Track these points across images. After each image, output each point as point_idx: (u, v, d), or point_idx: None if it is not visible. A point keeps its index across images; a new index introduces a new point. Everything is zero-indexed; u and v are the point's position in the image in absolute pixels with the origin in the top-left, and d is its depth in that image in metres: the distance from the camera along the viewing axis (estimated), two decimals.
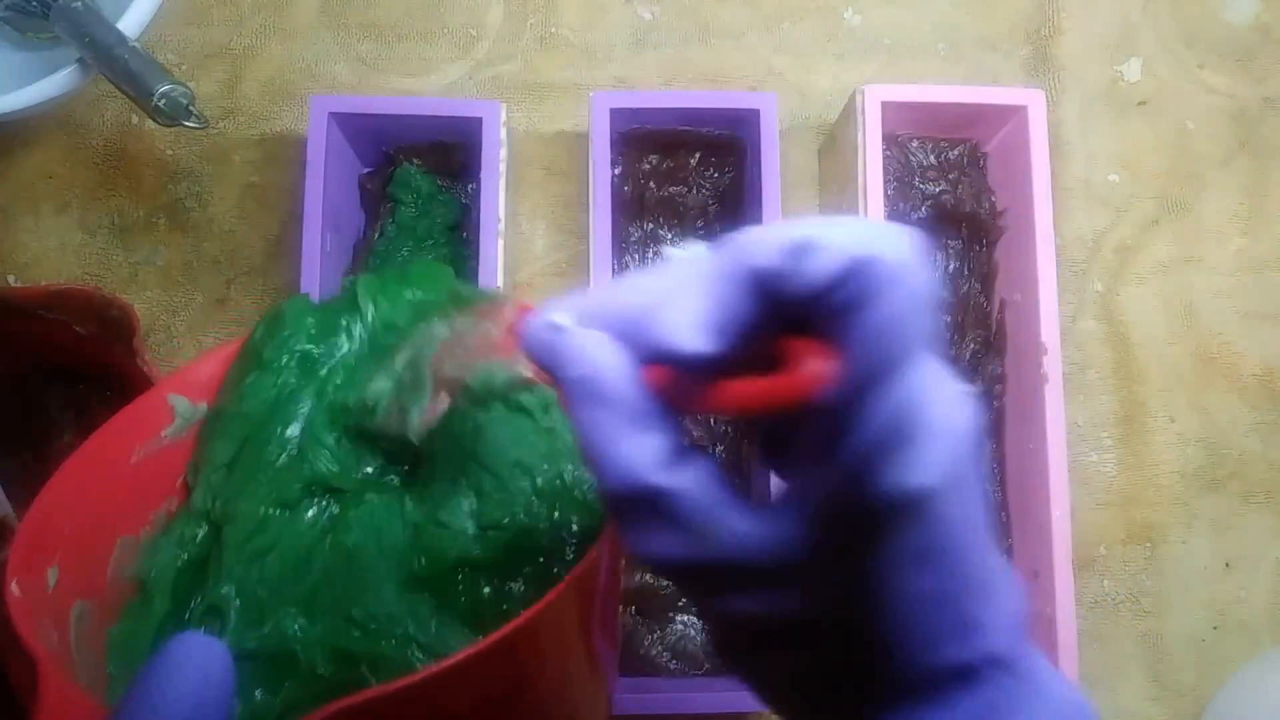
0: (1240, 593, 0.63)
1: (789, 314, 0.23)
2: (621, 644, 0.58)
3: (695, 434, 0.60)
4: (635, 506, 0.24)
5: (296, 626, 0.35)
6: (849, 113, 0.59)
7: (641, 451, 0.24)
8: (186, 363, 0.40)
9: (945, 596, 0.24)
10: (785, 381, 0.24)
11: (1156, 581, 0.63)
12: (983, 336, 0.62)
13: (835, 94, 0.67)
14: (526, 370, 0.34)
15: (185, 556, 0.37)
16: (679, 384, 0.24)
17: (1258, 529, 0.64)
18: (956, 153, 0.64)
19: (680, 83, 0.67)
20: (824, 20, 0.68)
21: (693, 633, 0.59)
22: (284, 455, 0.38)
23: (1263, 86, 0.68)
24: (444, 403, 0.36)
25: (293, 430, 0.39)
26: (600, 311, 0.24)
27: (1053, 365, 0.56)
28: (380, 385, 0.37)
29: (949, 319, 0.63)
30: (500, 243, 0.56)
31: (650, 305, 0.24)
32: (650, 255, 0.63)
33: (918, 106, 0.60)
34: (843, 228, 0.22)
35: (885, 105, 0.58)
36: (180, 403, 0.39)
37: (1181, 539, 0.64)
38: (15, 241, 0.64)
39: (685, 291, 0.23)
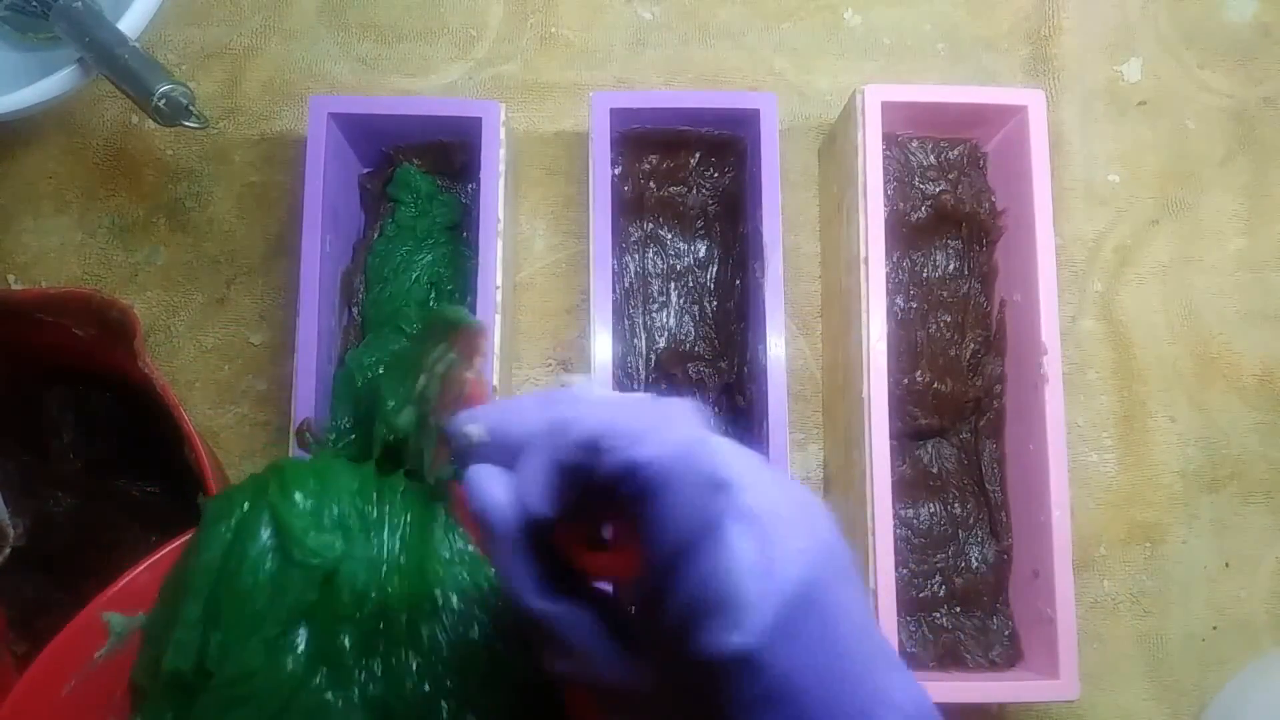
0: (1240, 593, 0.63)
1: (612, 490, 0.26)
2: None
3: None
4: (529, 624, 0.28)
5: None
6: (849, 113, 0.59)
7: (521, 579, 0.28)
8: (120, 576, 0.39)
9: None
10: (605, 560, 0.28)
11: (1156, 581, 0.63)
12: (983, 336, 0.62)
13: (835, 94, 0.67)
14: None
15: None
16: (560, 532, 0.29)
17: (1258, 529, 0.64)
18: (956, 153, 0.64)
19: (680, 83, 0.67)
20: (824, 20, 0.68)
21: None
22: (263, 572, 0.36)
23: (1262, 86, 0.68)
24: (444, 457, 0.37)
25: (264, 537, 0.36)
26: (505, 432, 0.29)
27: (1053, 365, 0.56)
28: (407, 418, 0.38)
29: (949, 319, 0.63)
30: (500, 243, 0.56)
31: (530, 449, 0.28)
32: (650, 254, 0.63)
33: (918, 106, 0.60)
34: (624, 420, 0.26)
35: (885, 105, 0.58)
36: (115, 619, 0.38)
37: (1181, 539, 0.64)
38: (15, 241, 0.64)
39: (537, 456, 0.27)
